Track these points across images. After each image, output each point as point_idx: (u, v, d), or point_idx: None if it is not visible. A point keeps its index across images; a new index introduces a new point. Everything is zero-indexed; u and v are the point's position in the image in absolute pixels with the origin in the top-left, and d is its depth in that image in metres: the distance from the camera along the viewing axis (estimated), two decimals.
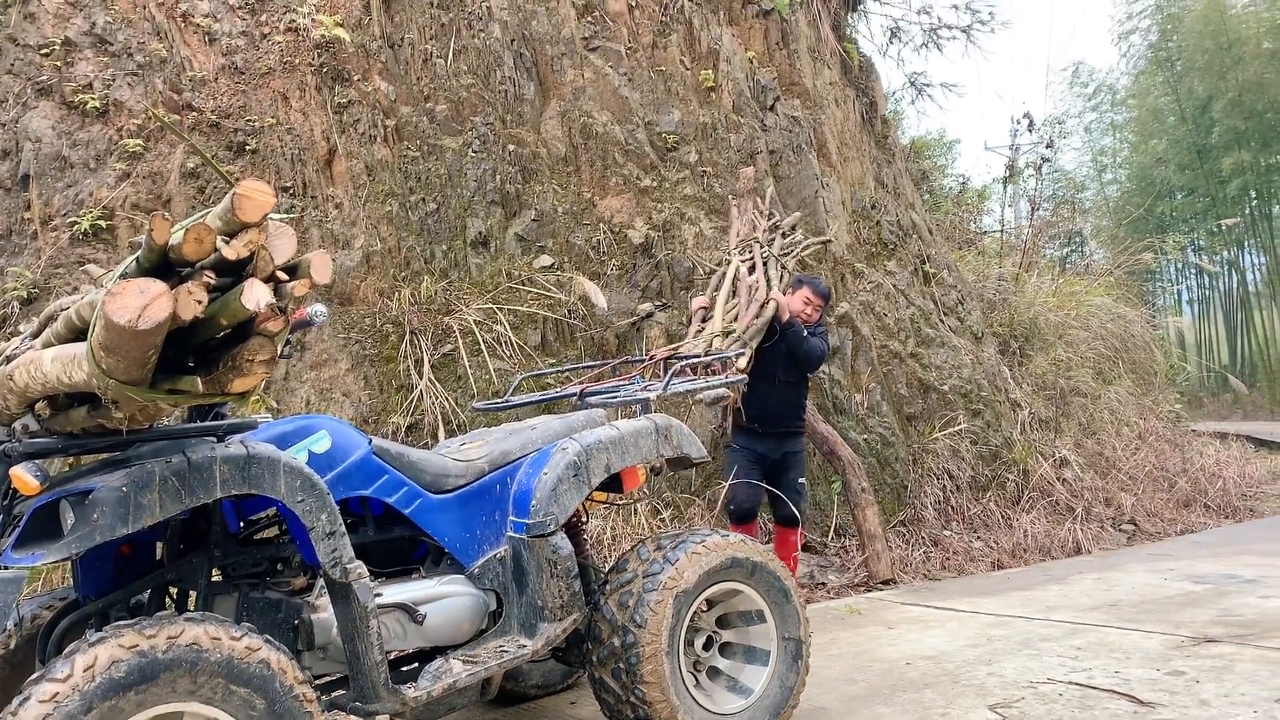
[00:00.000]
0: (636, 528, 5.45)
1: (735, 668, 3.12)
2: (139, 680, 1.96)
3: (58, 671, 1.93)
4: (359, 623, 2.41)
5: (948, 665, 3.92)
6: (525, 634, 2.82)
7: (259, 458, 2.29)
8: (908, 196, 8.68)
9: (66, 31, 5.79)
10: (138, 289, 1.71)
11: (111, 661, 1.95)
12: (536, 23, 6.71)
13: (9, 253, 5.41)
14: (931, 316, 7.66)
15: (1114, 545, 7.11)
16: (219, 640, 2.07)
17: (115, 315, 1.68)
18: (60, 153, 5.54)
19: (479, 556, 2.89)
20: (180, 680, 2.01)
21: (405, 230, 5.93)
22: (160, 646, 1.99)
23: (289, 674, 2.15)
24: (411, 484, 2.78)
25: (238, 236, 1.84)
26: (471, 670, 2.64)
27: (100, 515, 2.05)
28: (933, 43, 11.19)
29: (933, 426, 7.07)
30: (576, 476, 2.93)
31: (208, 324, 1.85)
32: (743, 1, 7.67)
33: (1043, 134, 12.76)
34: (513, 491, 2.93)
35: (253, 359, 1.88)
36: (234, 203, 1.82)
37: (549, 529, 2.83)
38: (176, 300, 1.74)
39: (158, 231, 1.76)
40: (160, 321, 1.70)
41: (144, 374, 1.80)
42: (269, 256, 1.89)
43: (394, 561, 2.92)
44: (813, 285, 5.20)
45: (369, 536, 2.78)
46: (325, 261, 1.99)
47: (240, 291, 1.81)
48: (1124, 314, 10.69)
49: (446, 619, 2.77)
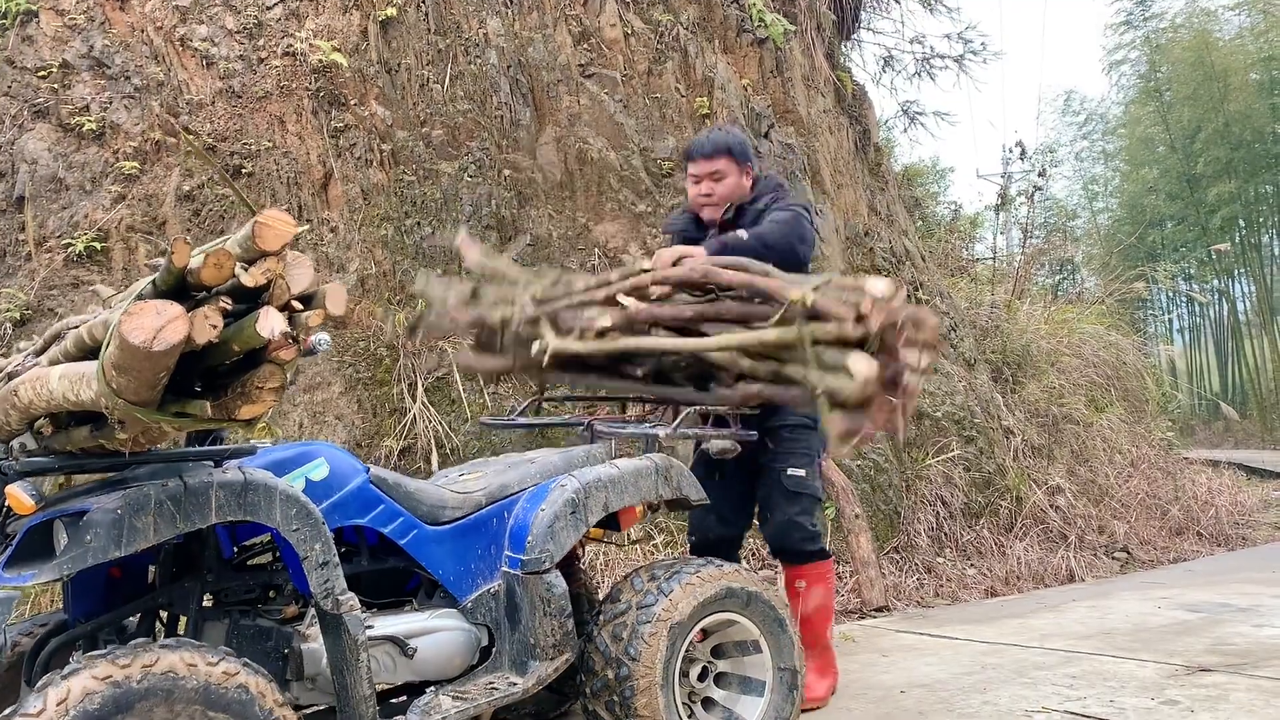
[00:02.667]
0: (630, 553, 5.43)
1: (730, 698, 3.10)
2: (114, 712, 1.93)
3: (30, 707, 1.89)
4: (349, 654, 2.39)
5: (942, 693, 3.91)
6: (516, 671, 2.80)
7: (255, 484, 2.28)
8: (901, 223, 8.72)
9: (64, 54, 5.80)
10: (155, 310, 1.71)
11: (85, 694, 1.91)
12: (533, 49, 6.75)
13: (3, 274, 5.40)
14: None
15: (1107, 573, 7.11)
16: (195, 666, 2.04)
17: (131, 335, 1.68)
18: (56, 174, 5.54)
19: (472, 591, 2.87)
20: (157, 709, 1.98)
21: (400, 254, 5.93)
22: (135, 676, 1.97)
23: (268, 697, 2.13)
24: (408, 514, 2.77)
25: (256, 264, 1.85)
26: (460, 707, 2.62)
27: (94, 537, 2.03)
28: (925, 72, 11.30)
29: (926, 453, 7.07)
30: (574, 514, 2.91)
31: (219, 349, 1.85)
32: (737, 30, 7.72)
33: (1035, 162, 12.86)
34: (509, 526, 2.92)
35: (262, 386, 1.88)
36: (255, 231, 1.83)
37: (544, 566, 2.81)
38: (192, 324, 1.74)
39: (178, 255, 1.76)
40: (175, 344, 1.71)
41: (154, 395, 1.80)
42: (286, 285, 1.90)
43: (387, 593, 2.90)
44: (689, 155, 3.73)
45: (363, 566, 2.77)
46: (340, 293, 2.01)
47: (256, 319, 1.82)
48: (1116, 342, 10.72)
49: (437, 653, 2.75)
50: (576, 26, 7.00)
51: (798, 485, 3.56)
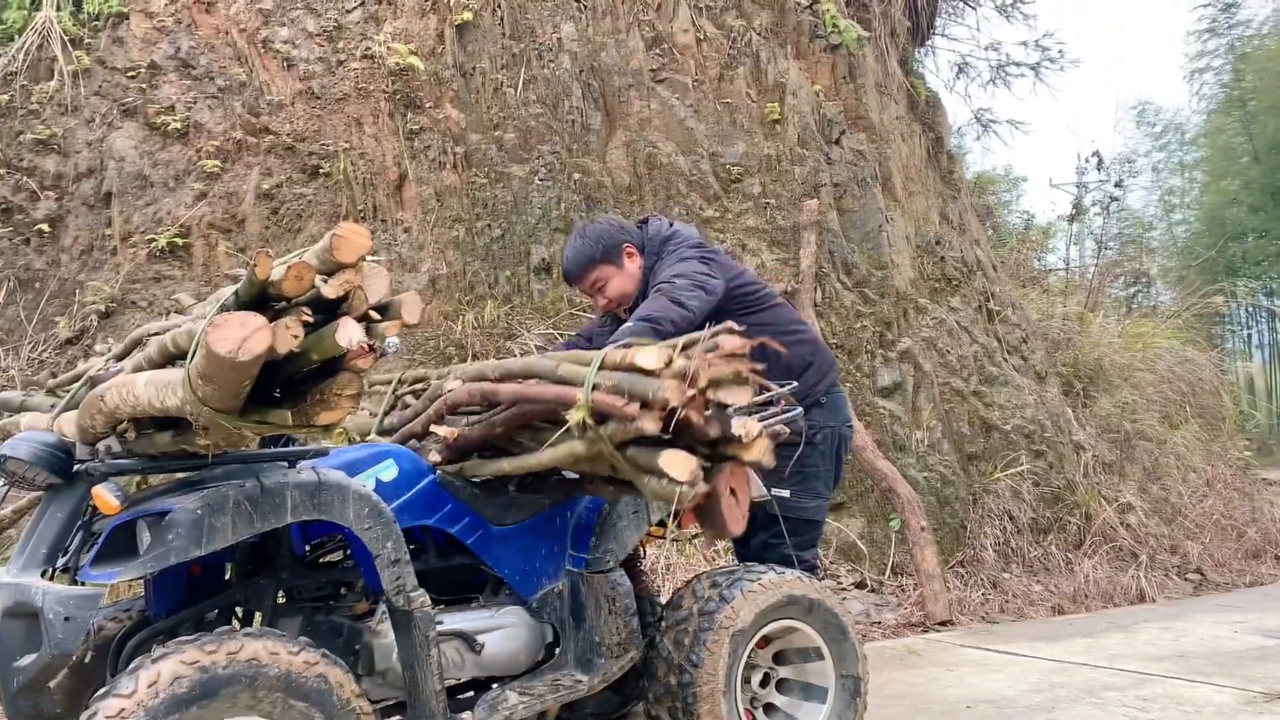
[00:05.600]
0: (690, 557, 5.43)
1: (792, 705, 3.08)
2: (201, 696, 1.99)
3: (123, 688, 1.96)
4: (419, 650, 2.43)
5: (1008, 711, 3.84)
6: (581, 669, 2.81)
7: (329, 484, 2.32)
8: (972, 232, 8.59)
9: (152, 55, 5.98)
10: (239, 322, 1.77)
11: (174, 677, 1.98)
12: (605, 54, 6.78)
13: (89, 267, 5.58)
14: (995, 354, 7.56)
15: (1179, 594, 6.92)
16: (277, 655, 2.09)
17: (216, 346, 1.74)
18: (141, 172, 5.70)
19: (538, 589, 2.89)
20: (241, 695, 2.04)
21: (470, 255, 6.00)
22: (221, 662, 2.02)
23: (346, 688, 2.17)
24: (474, 514, 2.80)
25: (335, 276, 1.90)
26: (528, 702, 2.64)
27: (176, 537, 2.09)
28: (1000, 79, 11.11)
29: (994, 466, 6.96)
30: (636, 513, 2.92)
31: (299, 358, 1.89)
32: (810, 36, 7.68)
33: (1111, 172, 12.59)
34: (572, 525, 2.94)
35: (340, 393, 1.92)
36: (332, 243, 1.88)
37: (608, 565, 2.83)
38: (275, 334, 1.79)
39: (261, 267, 1.82)
40: (259, 354, 1.76)
41: (237, 403, 1.85)
42: (364, 296, 1.95)
43: (454, 590, 2.94)
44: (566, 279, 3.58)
45: (430, 564, 2.80)
46: (416, 303, 2.04)
47: (335, 329, 1.87)
48: (1192, 357, 10.44)
49: (504, 649, 2.77)
50: (649, 32, 7.03)
51: (782, 507, 3.30)
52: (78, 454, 2.28)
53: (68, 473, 2.29)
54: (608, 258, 3.43)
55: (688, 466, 2.22)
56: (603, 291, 3.45)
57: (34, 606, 2.13)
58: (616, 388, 2.28)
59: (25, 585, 2.17)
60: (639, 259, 3.46)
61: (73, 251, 5.60)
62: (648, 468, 2.29)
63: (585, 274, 3.45)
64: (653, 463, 2.25)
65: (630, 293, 3.43)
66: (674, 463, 2.23)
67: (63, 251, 5.60)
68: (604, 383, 2.32)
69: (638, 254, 3.47)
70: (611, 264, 3.44)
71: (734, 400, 2.26)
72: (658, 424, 2.20)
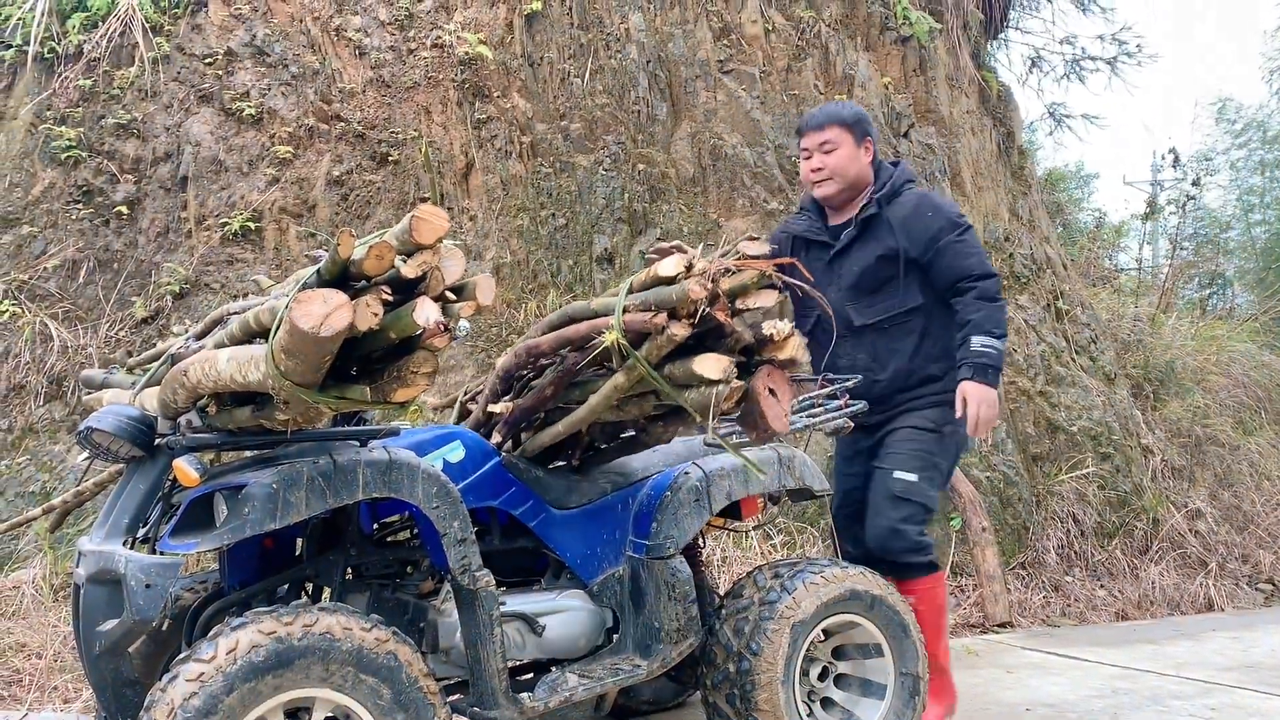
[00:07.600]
0: (748, 551, 5.42)
1: (850, 700, 3.07)
2: (276, 665, 2.06)
3: (203, 653, 2.04)
4: (483, 629, 2.47)
5: (1069, 715, 3.78)
6: (640, 654, 2.83)
7: (399, 463, 2.37)
8: (1042, 229, 8.44)
9: (229, 42, 6.11)
10: (322, 298, 1.82)
11: (252, 646, 2.05)
12: (673, 45, 6.78)
13: (165, 249, 5.72)
14: (1063, 354, 7.43)
15: (1250, 605, 6.75)
16: (350, 630, 2.15)
17: (300, 321, 1.79)
18: (217, 157, 5.83)
19: (599, 573, 2.92)
20: (314, 667, 2.10)
21: (534, 244, 6.04)
22: (296, 634, 2.09)
23: (415, 666, 2.22)
24: (537, 497, 2.83)
25: (413, 256, 1.95)
26: (587, 685, 2.67)
27: (251, 510, 2.15)
28: (1075, 74, 10.87)
29: (1059, 468, 6.84)
30: (697, 502, 2.93)
31: (377, 335, 1.94)
32: (881, 27, 7.59)
33: (1188, 170, 12.25)
34: (634, 511, 2.96)
35: (417, 371, 1.97)
36: (413, 225, 1.93)
37: (668, 551, 2.84)
38: (355, 311, 1.83)
39: (343, 247, 1.88)
40: (340, 330, 1.81)
41: (317, 378, 1.90)
42: (441, 276, 2.00)
43: (516, 572, 2.97)
44: (799, 129, 3.52)
45: (494, 546, 2.84)
46: (490, 285, 2.11)
47: (413, 308, 1.92)
48: (1269, 362, 10.14)
49: (565, 632, 2.80)
50: (717, 22, 7.00)
51: (906, 490, 3.26)
52: (159, 428, 2.35)
53: (150, 446, 2.37)
54: (855, 128, 3.41)
55: (720, 365, 2.38)
56: (828, 155, 3.38)
57: (117, 573, 2.20)
58: (643, 304, 2.43)
59: (109, 553, 2.25)
60: (872, 158, 3.45)
61: (149, 233, 5.75)
62: (685, 379, 2.43)
63: (825, 129, 3.39)
64: (689, 371, 2.40)
65: (848, 175, 3.39)
66: (706, 364, 2.38)
67: (140, 233, 5.75)
68: (632, 304, 2.46)
69: (873, 155, 3.46)
70: (852, 135, 3.40)
71: (760, 304, 2.49)
72: (688, 328, 2.37)
